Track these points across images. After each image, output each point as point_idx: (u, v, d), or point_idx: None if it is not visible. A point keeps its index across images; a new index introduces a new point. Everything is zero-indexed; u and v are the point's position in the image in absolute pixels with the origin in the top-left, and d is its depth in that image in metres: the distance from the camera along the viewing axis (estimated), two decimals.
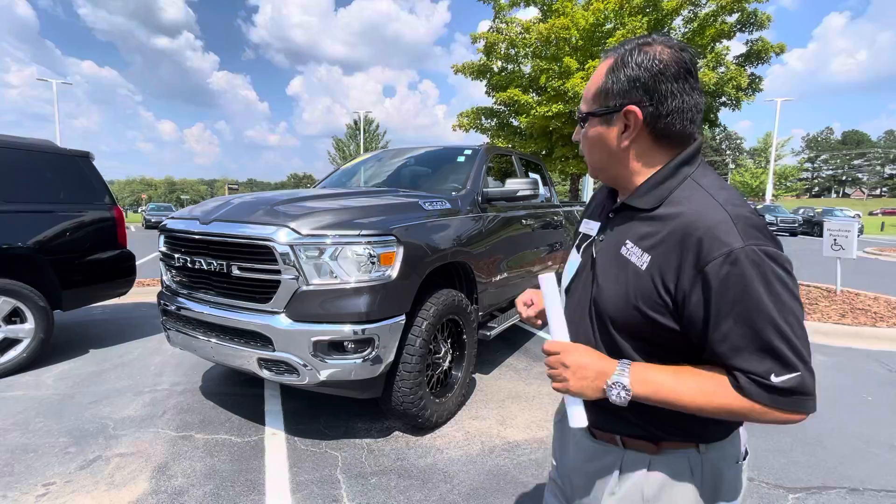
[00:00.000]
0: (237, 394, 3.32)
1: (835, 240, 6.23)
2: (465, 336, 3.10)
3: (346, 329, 2.29)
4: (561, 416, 1.07)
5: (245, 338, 2.43)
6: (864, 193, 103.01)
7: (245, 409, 3.08)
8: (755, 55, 9.31)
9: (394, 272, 2.41)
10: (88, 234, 4.08)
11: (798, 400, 0.70)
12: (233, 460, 2.48)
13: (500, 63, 10.92)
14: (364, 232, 2.33)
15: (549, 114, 8.82)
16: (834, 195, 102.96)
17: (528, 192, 3.51)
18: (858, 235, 23.66)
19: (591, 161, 0.91)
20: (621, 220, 0.88)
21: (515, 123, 11.39)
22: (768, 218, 24.85)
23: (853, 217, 23.19)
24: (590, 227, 0.97)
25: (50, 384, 3.45)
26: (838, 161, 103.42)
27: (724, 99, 9.45)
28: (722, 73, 8.43)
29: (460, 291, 3.09)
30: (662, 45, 0.80)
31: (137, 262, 4.56)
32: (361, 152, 37.41)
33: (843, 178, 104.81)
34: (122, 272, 4.34)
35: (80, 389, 3.37)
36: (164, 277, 2.89)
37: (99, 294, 4.24)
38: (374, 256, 2.35)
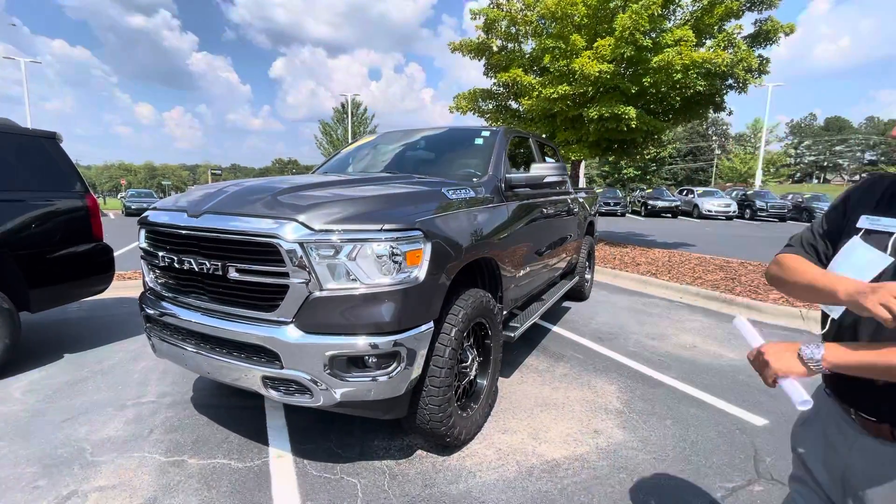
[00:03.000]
0: (234, 406, 2.95)
1: None
2: (490, 340, 2.77)
3: (368, 341, 1.94)
4: (804, 420, 1.15)
5: (246, 352, 2.06)
6: (844, 179, 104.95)
7: (244, 425, 2.72)
8: (763, 35, 9.01)
9: (421, 273, 2.06)
10: (58, 226, 3.62)
11: None
12: (234, 492, 2.13)
13: (499, 42, 10.44)
14: (387, 226, 1.96)
15: (555, 96, 8.42)
16: (815, 181, 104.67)
17: (555, 178, 3.17)
18: None
19: None
20: None
21: (515, 106, 10.97)
22: (758, 204, 24.93)
23: None
24: (885, 223, 0.95)
25: (17, 398, 3.04)
26: (821, 147, 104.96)
27: (730, 81, 9.16)
28: (732, 53, 8.10)
29: (483, 290, 2.75)
30: None
31: (118, 252, 4.13)
32: (349, 137, 36.49)
33: (825, 164, 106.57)
34: (99, 268, 3.89)
35: (52, 404, 2.96)
36: (147, 278, 2.48)
37: (73, 293, 3.80)
38: (399, 255, 1.99)
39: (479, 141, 3.49)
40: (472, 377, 2.63)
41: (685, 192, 27.69)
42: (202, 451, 2.45)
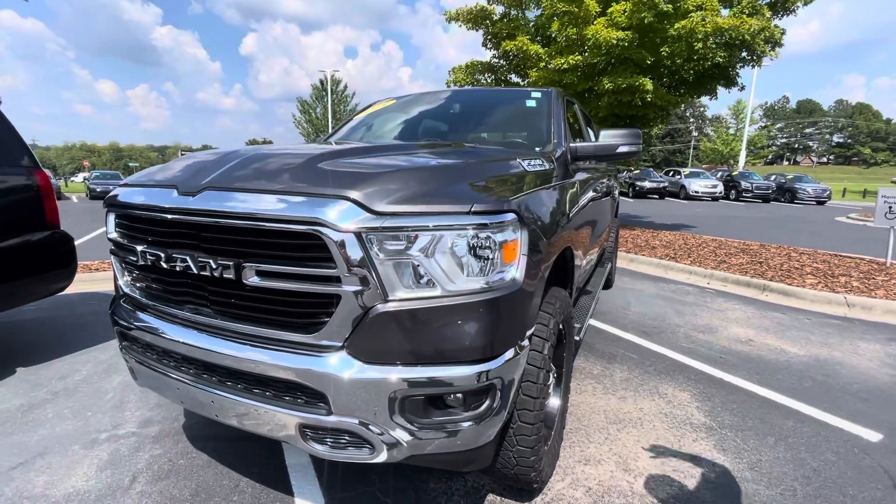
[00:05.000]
0: (240, 437, 2.33)
1: (890, 208, 5.70)
2: (564, 349, 2.22)
3: (455, 374, 1.35)
4: None
5: (273, 389, 1.44)
6: (812, 161, 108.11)
7: (257, 465, 2.12)
8: (781, 4, 8.54)
9: (519, 273, 1.47)
10: (0, 211, 2.86)
11: None
12: None
13: (500, 9, 9.69)
14: (476, 207, 1.36)
15: (566, 66, 7.79)
16: (786, 162, 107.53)
17: (630, 149, 2.59)
18: (825, 202, 23.97)
19: None
20: None
21: (516, 79, 10.30)
22: (743, 184, 25.03)
23: (825, 188, 23.66)
24: None
25: None
26: (792, 129, 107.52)
27: (744, 54, 8.70)
28: (757, 21, 7.59)
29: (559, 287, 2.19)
30: None
31: (83, 239, 3.46)
32: (329, 115, 34.96)
33: (796, 146, 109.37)
34: (56, 261, 3.16)
35: None
36: (121, 281, 1.81)
37: (24, 293, 3.06)
38: (493, 248, 1.39)
39: (530, 103, 2.88)
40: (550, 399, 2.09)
41: (671, 172, 27.67)
42: None
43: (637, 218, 13.77)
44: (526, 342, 1.56)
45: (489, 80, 10.72)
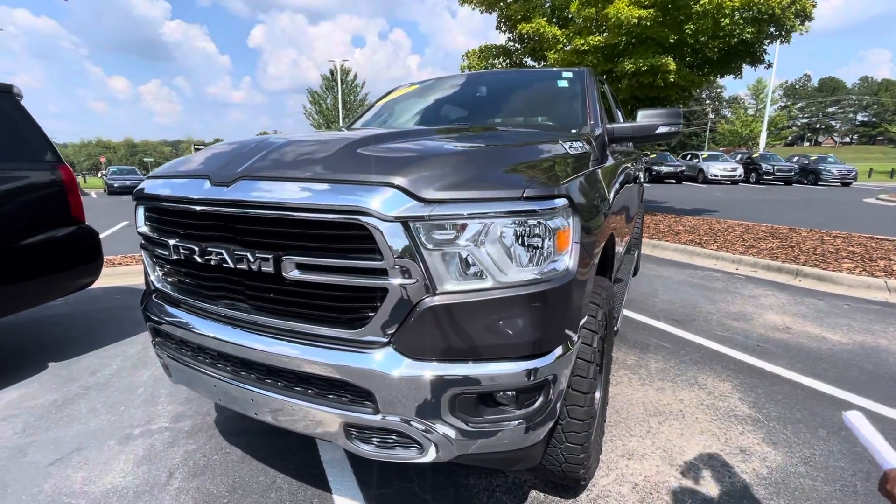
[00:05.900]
0: (273, 432, 2.30)
1: None
2: (605, 341, 2.12)
3: (508, 370, 1.27)
4: None
5: (317, 387, 1.38)
6: (835, 141, 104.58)
7: (292, 461, 2.08)
8: None
9: (572, 262, 1.38)
10: (25, 206, 2.85)
11: None
12: None
13: None
14: (529, 192, 1.26)
15: (585, 48, 7.54)
16: (807, 143, 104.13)
17: (670, 129, 2.46)
18: (850, 184, 23.19)
19: None
20: None
21: (532, 63, 10.05)
22: (765, 167, 24.31)
23: (851, 168, 22.88)
24: None
25: None
26: (814, 109, 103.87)
27: (772, 30, 8.32)
28: None
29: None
30: None
31: (107, 233, 3.39)
32: (340, 105, 34.82)
33: (818, 125, 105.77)
34: (83, 257, 3.15)
35: (34, 437, 2.29)
36: (153, 276, 1.76)
37: (51, 289, 3.06)
38: (546, 236, 1.30)
39: (562, 84, 2.74)
40: None
41: (689, 156, 26.99)
42: None
43: (656, 203, 13.47)
44: (577, 335, 1.48)
45: (504, 64, 10.49)
